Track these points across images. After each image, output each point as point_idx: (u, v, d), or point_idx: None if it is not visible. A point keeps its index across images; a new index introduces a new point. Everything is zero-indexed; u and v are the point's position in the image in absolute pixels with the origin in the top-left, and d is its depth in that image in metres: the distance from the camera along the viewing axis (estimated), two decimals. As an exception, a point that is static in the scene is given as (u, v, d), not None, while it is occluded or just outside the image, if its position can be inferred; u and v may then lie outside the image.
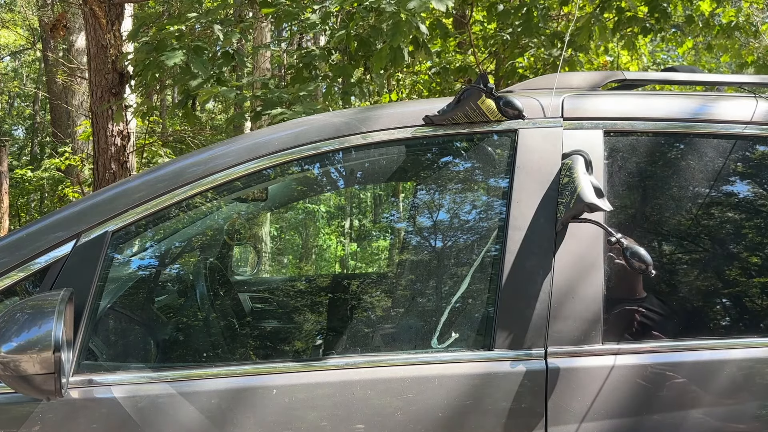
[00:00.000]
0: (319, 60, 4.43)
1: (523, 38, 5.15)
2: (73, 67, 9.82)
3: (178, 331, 2.02)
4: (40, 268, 1.48)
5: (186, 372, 1.46)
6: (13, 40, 17.21)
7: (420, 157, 1.81)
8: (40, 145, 16.99)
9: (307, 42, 9.84)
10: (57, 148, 10.76)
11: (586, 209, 1.43)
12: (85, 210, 1.54)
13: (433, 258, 1.86)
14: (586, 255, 1.50)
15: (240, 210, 2.31)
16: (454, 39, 6.11)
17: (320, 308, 2.43)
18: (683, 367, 1.46)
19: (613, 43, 6.32)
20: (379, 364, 1.48)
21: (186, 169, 1.59)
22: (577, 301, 1.48)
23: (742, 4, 6.59)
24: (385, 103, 5.43)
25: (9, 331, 1.28)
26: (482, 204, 1.76)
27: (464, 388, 1.42)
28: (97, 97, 5.31)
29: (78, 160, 9.51)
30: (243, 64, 4.82)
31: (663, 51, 10.80)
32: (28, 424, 1.37)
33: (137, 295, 1.94)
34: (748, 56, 6.78)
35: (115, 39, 5.20)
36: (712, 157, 1.66)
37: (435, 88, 6.56)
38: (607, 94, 1.80)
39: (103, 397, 1.41)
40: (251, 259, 3.40)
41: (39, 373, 1.27)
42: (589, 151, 1.57)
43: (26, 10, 15.43)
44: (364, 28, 4.03)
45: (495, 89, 1.62)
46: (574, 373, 1.44)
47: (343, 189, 2.47)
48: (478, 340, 1.53)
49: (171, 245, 2.07)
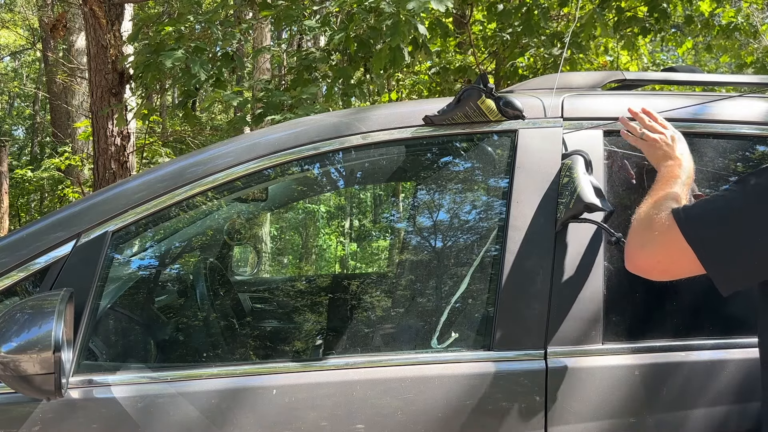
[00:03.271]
0: (319, 62, 4.43)
1: (523, 38, 5.15)
2: (73, 67, 9.82)
3: (178, 331, 2.03)
4: (40, 268, 1.48)
5: (186, 372, 1.46)
6: (13, 40, 17.22)
7: (420, 157, 1.81)
8: (40, 145, 16.99)
9: (307, 42, 9.84)
10: (57, 148, 10.76)
11: (585, 209, 1.43)
12: (85, 210, 1.54)
13: (432, 258, 1.86)
14: (586, 255, 1.50)
15: (240, 210, 2.31)
16: (454, 39, 6.11)
17: (320, 308, 2.43)
18: (683, 366, 1.46)
19: (613, 44, 6.32)
20: (379, 364, 1.48)
21: (186, 169, 1.59)
22: (577, 301, 1.48)
23: (741, 5, 6.59)
24: (385, 103, 5.43)
25: (9, 331, 1.28)
26: (482, 204, 1.76)
27: (464, 388, 1.42)
28: (97, 97, 5.31)
29: (78, 160, 9.51)
30: (242, 66, 4.81)
31: (663, 51, 10.81)
32: (28, 424, 1.37)
33: (137, 295, 1.94)
34: (748, 57, 6.78)
35: (115, 39, 5.20)
36: (712, 157, 1.66)
37: (435, 88, 6.56)
38: (607, 94, 1.81)
39: (103, 397, 1.41)
40: (251, 259, 3.40)
41: (39, 373, 1.27)
42: (589, 151, 1.57)
43: (26, 10, 15.43)
44: (364, 30, 4.03)
45: (495, 89, 1.62)
46: (574, 373, 1.44)
47: (343, 189, 2.47)
48: (478, 340, 1.53)
49: (171, 245, 2.07)
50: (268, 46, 8.55)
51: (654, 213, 1.27)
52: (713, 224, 1.17)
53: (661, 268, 1.25)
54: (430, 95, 6.68)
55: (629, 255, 1.28)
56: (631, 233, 1.30)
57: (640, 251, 1.25)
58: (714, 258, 1.16)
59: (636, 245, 1.27)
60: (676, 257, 1.20)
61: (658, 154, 1.49)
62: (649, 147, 1.52)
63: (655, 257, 1.23)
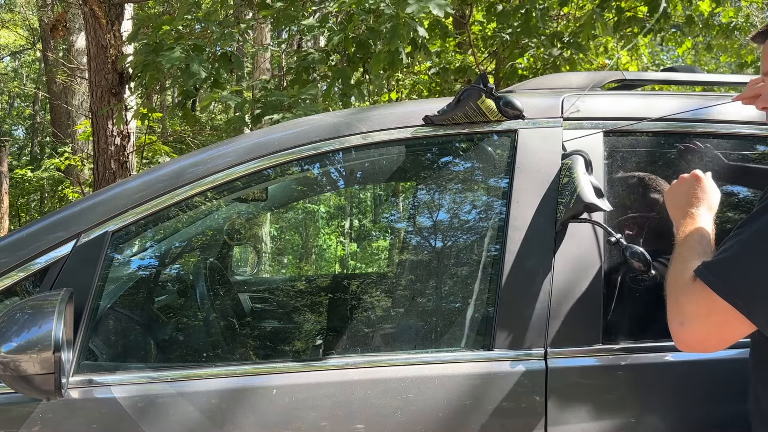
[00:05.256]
0: (317, 63, 4.43)
1: (523, 38, 5.15)
2: (73, 67, 9.82)
3: (178, 331, 2.03)
4: (40, 268, 1.48)
5: (186, 372, 1.46)
6: (13, 40, 17.21)
7: (420, 157, 1.81)
8: (40, 145, 16.97)
9: (307, 43, 9.84)
10: (57, 148, 10.76)
11: (585, 209, 1.43)
12: (85, 210, 1.54)
13: (432, 258, 1.86)
14: (586, 255, 1.50)
15: (240, 210, 2.31)
16: (453, 39, 6.11)
17: (320, 308, 2.43)
18: (683, 366, 1.46)
19: (613, 44, 6.32)
20: (379, 364, 1.48)
21: (186, 169, 1.59)
22: (576, 301, 1.48)
23: (741, 4, 6.59)
24: (385, 103, 5.43)
25: (9, 331, 1.28)
26: (482, 204, 1.76)
27: (464, 388, 1.42)
28: (97, 97, 5.31)
29: (78, 160, 9.50)
30: (241, 67, 4.81)
31: (663, 51, 10.81)
32: (28, 424, 1.37)
33: (137, 295, 1.94)
34: (748, 56, 6.78)
35: (115, 39, 5.20)
36: (712, 157, 1.66)
37: (435, 88, 6.55)
38: (607, 94, 1.81)
39: (103, 397, 1.41)
40: (251, 259, 3.40)
41: (39, 373, 1.27)
42: (589, 151, 1.57)
43: (26, 10, 15.43)
44: (363, 31, 4.03)
45: (495, 89, 1.62)
46: (574, 373, 1.44)
47: (343, 189, 2.47)
48: (478, 340, 1.53)
49: (171, 245, 2.07)
50: (266, 45, 8.55)
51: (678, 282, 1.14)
52: (742, 273, 1.05)
53: (714, 340, 1.11)
54: (430, 95, 6.68)
55: (674, 335, 1.14)
56: (668, 310, 1.16)
57: (685, 330, 1.11)
58: (757, 305, 1.05)
59: (677, 326, 1.12)
60: (722, 321, 1.07)
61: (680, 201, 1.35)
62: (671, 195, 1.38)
63: (702, 328, 1.10)
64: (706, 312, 1.07)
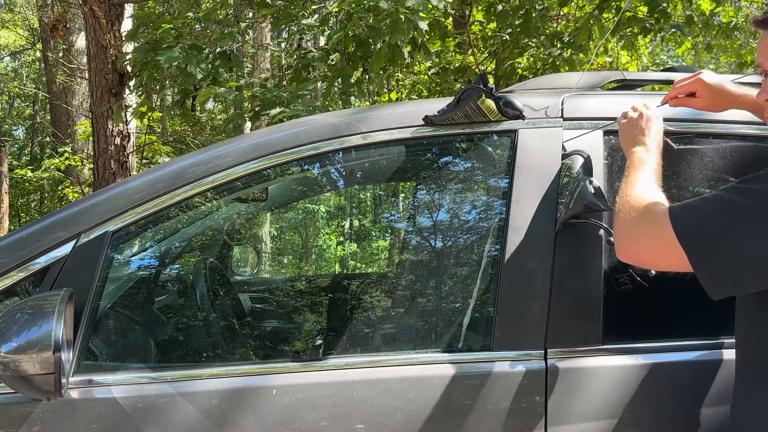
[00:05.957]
0: (317, 62, 4.43)
1: (523, 38, 5.15)
2: (73, 67, 9.82)
3: (178, 331, 2.03)
4: (40, 268, 1.48)
5: (186, 372, 1.46)
6: (13, 40, 17.21)
7: (420, 157, 1.81)
8: (40, 145, 16.98)
9: (307, 42, 9.84)
10: (57, 148, 10.75)
11: (585, 209, 1.43)
12: (85, 210, 1.54)
13: (432, 258, 1.86)
14: (586, 255, 1.50)
15: (240, 210, 2.32)
16: (453, 39, 6.10)
17: (320, 308, 2.43)
18: (683, 366, 1.47)
19: (613, 44, 6.32)
20: (379, 364, 1.48)
21: (186, 169, 1.59)
22: (577, 301, 1.48)
23: (741, 4, 6.60)
24: (385, 103, 5.43)
25: (9, 331, 1.28)
26: (482, 204, 1.76)
27: (464, 388, 1.42)
28: (97, 97, 5.31)
29: (78, 160, 9.50)
30: (240, 66, 4.81)
31: (663, 51, 10.81)
32: (28, 424, 1.37)
33: (137, 295, 1.94)
34: (748, 56, 6.78)
35: (115, 39, 5.20)
36: (712, 156, 1.66)
37: (435, 88, 6.55)
38: (607, 94, 1.81)
39: (103, 397, 1.41)
40: (251, 259, 3.40)
41: (39, 373, 1.27)
42: (589, 151, 1.57)
43: (26, 10, 15.43)
44: (362, 29, 4.02)
45: (495, 89, 1.62)
46: (574, 373, 1.44)
47: (343, 189, 2.47)
48: (478, 340, 1.53)
49: (171, 245, 2.07)
50: (266, 44, 8.54)
51: (640, 203, 1.27)
52: (705, 227, 1.16)
53: (651, 261, 1.28)
54: (430, 95, 6.68)
55: (620, 246, 1.28)
56: (619, 223, 1.29)
57: (632, 244, 1.26)
58: (704, 260, 1.16)
59: (626, 237, 1.27)
60: (666, 252, 1.21)
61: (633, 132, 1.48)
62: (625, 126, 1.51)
63: (648, 250, 1.25)
64: (656, 237, 1.22)
